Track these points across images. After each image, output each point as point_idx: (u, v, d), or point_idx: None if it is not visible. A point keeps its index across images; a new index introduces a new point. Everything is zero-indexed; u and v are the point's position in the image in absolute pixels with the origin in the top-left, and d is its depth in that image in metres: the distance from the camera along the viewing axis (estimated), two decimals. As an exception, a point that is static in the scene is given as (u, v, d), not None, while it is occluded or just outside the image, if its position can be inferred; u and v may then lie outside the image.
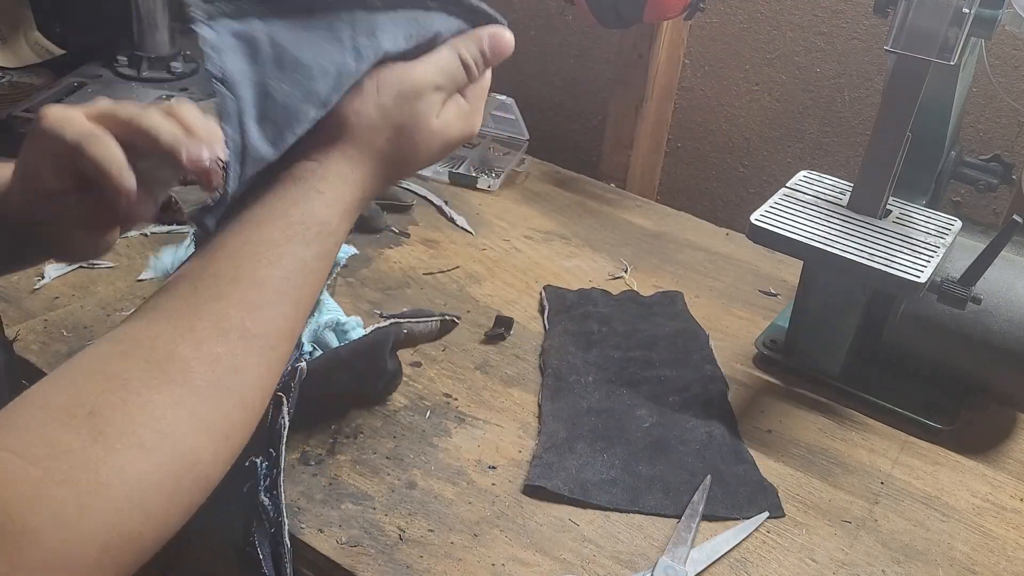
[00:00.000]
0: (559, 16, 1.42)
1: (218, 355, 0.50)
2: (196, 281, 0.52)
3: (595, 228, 1.17)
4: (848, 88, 1.24)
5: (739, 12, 1.28)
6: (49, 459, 0.43)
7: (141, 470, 0.45)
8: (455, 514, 0.74)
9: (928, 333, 0.87)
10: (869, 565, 0.74)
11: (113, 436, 0.45)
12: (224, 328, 0.50)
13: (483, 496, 0.76)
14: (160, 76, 1.32)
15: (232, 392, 0.50)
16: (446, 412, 0.85)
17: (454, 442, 0.82)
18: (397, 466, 0.78)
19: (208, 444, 0.48)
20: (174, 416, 0.47)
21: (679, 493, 0.77)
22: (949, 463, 0.85)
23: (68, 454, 0.43)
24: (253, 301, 0.52)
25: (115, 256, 1.00)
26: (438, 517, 0.74)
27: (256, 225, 0.54)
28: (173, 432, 0.47)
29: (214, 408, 0.49)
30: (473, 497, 0.76)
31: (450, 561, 0.70)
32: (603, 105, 1.40)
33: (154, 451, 0.46)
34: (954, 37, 0.75)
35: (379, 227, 1.10)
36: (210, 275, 0.52)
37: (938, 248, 0.82)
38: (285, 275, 0.54)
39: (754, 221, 0.84)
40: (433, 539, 0.72)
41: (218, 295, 0.51)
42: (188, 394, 0.48)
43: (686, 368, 0.91)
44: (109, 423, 0.45)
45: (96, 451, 0.44)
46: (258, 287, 0.52)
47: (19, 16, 1.43)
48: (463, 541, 0.72)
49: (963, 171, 0.97)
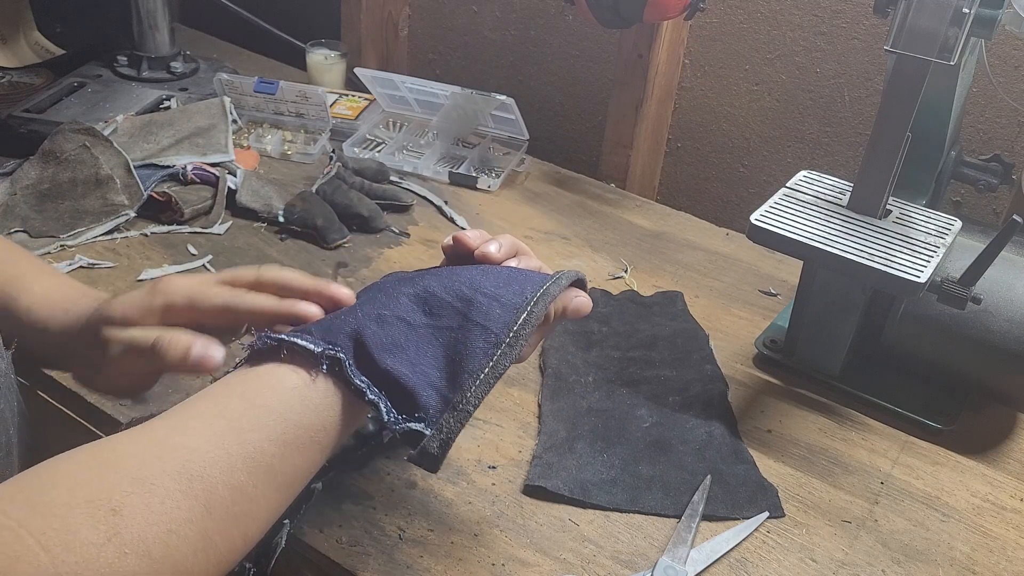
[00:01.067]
0: (559, 16, 1.42)
1: (242, 484, 0.51)
2: (245, 406, 0.54)
3: (595, 228, 1.17)
4: (848, 88, 1.24)
5: (739, 12, 1.28)
6: (62, 549, 0.44)
7: None
8: (455, 514, 0.74)
9: (928, 333, 0.87)
10: (869, 565, 0.74)
11: (128, 540, 0.46)
12: (256, 461, 0.52)
13: (483, 496, 0.76)
14: (160, 76, 1.33)
15: (241, 522, 0.52)
16: (446, 412, 0.85)
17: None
18: (397, 466, 0.78)
19: (205, 566, 0.50)
20: (186, 533, 0.48)
21: (679, 493, 0.77)
22: (949, 463, 0.85)
23: (81, 548, 0.44)
24: (290, 442, 0.54)
25: (115, 256, 1.00)
26: (438, 517, 0.74)
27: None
28: (180, 549, 0.48)
29: (222, 534, 0.50)
30: (473, 497, 0.76)
31: (450, 561, 0.70)
32: (603, 105, 1.40)
33: (158, 563, 0.47)
34: (954, 37, 0.75)
35: (379, 227, 1.10)
36: (260, 406, 0.54)
37: (938, 248, 0.82)
38: (324, 425, 0.56)
39: (754, 221, 0.84)
40: (433, 539, 0.72)
41: (259, 426, 0.53)
42: (204, 515, 0.49)
43: (686, 368, 0.91)
44: (128, 526, 0.46)
45: (108, 552, 0.45)
46: (297, 430, 0.55)
47: (19, 16, 1.43)
48: (463, 541, 0.72)
49: (963, 171, 0.97)
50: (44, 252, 0.99)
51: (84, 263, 0.98)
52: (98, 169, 1.05)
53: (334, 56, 1.39)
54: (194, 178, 1.10)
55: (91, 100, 1.25)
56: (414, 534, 0.72)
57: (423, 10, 1.56)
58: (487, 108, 1.26)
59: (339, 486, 0.75)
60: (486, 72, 1.54)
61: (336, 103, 1.33)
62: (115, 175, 1.05)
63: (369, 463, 0.77)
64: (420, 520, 0.73)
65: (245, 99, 1.27)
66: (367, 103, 1.34)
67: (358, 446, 0.76)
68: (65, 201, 1.03)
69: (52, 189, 1.04)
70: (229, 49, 1.54)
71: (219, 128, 1.19)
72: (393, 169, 1.20)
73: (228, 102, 1.22)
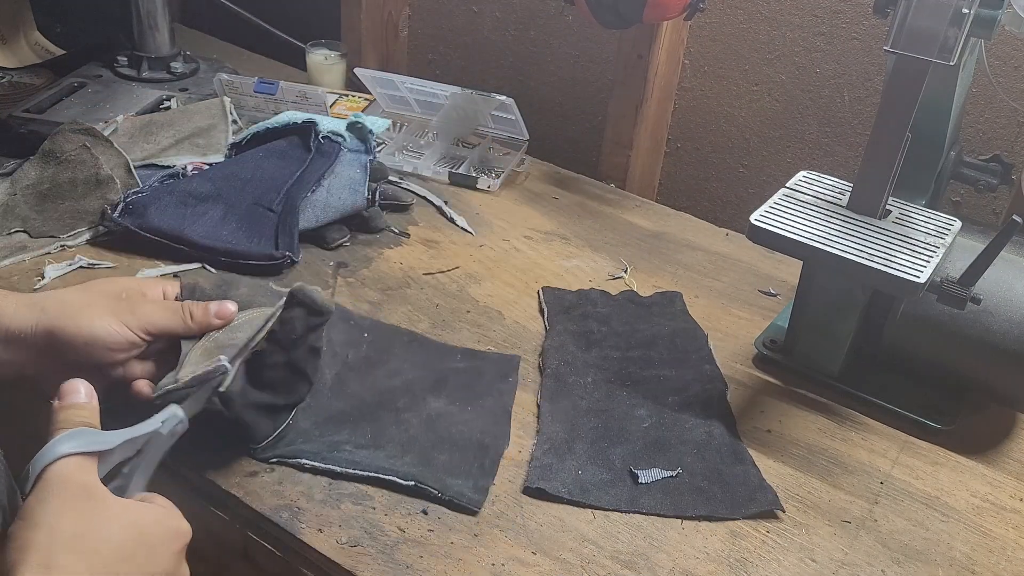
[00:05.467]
0: (559, 16, 1.42)
1: None
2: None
3: (595, 228, 1.17)
4: (848, 88, 1.24)
5: (739, 12, 1.28)
6: None
7: None
8: (455, 514, 0.74)
9: (928, 333, 0.87)
10: (869, 565, 0.74)
11: None
12: None
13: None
14: (160, 76, 1.33)
15: None
16: (446, 412, 0.85)
17: (454, 442, 0.81)
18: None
19: None
20: None
21: (679, 493, 0.77)
22: (949, 463, 0.85)
23: None
24: None
25: (115, 256, 1.00)
26: (438, 517, 0.74)
27: None
28: None
29: None
30: (473, 497, 0.76)
31: (450, 561, 0.70)
32: (603, 105, 1.40)
33: None
34: (954, 37, 0.75)
35: (379, 227, 1.10)
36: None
37: (938, 248, 0.82)
38: None
39: (754, 221, 0.84)
40: (433, 539, 0.72)
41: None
42: None
43: (685, 368, 0.91)
44: None
45: None
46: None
47: (19, 16, 1.43)
48: (463, 541, 0.72)
49: (963, 171, 0.97)
50: (44, 252, 0.99)
51: (84, 263, 0.98)
52: (98, 169, 1.05)
53: (334, 56, 1.39)
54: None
55: (91, 100, 1.25)
56: (414, 534, 0.72)
57: (423, 10, 1.56)
58: (487, 108, 1.26)
59: (339, 486, 0.75)
60: (486, 72, 1.54)
61: (336, 103, 1.33)
62: (115, 175, 1.05)
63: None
64: (420, 520, 0.74)
65: (245, 99, 1.27)
66: (367, 103, 1.34)
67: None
68: (65, 201, 1.03)
69: (52, 189, 1.04)
70: (229, 49, 1.54)
71: (219, 128, 1.19)
72: (393, 169, 1.20)
73: (228, 102, 1.22)
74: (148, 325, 0.73)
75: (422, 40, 1.58)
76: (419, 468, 0.77)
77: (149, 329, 0.74)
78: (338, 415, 0.81)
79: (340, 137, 1.08)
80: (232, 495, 0.74)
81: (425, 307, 0.98)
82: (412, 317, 0.96)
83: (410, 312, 0.97)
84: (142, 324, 0.73)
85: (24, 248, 0.99)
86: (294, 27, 1.52)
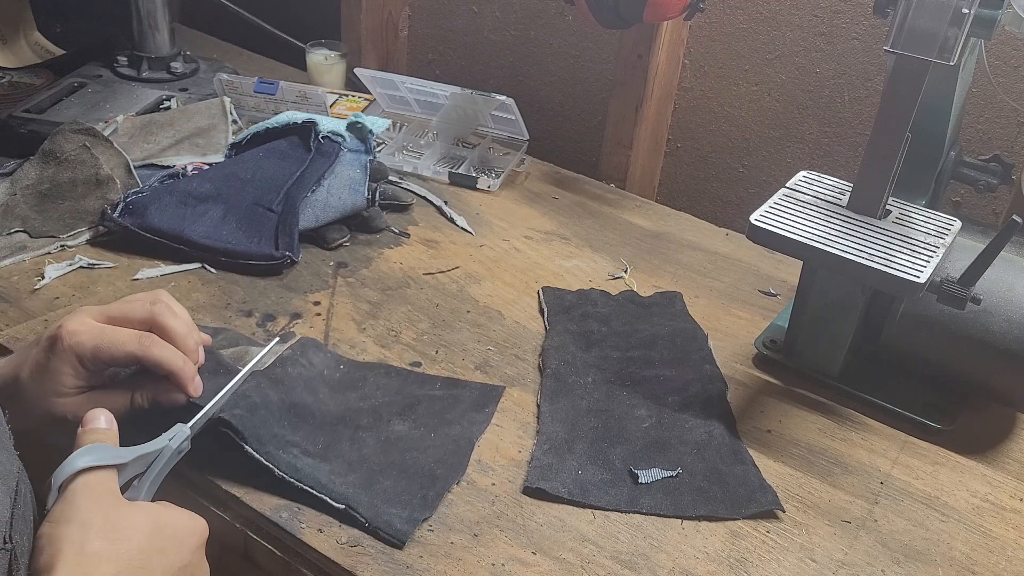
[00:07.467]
0: (559, 16, 1.42)
1: None
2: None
3: (595, 228, 1.17)
4: (848, 88, 1.24)
5: (739, 12, 1.28)
6: None
7: None
8: (455, 514, 0.74)
9: (928, 333, 0.87)
10: (869, 565, 0.74)
11: None
12: None
13: (483, 496, 0.76)
14: (160, 76, 1.33)
15: None
16: (446, 412, 0.85)
17: (454, 442, 0.81)
18: (397, 466, 0.78)
19: None
20: None
21: (679, 493, 0.77)
22: (949, 463, 0.85)
23: None
24: None
25: (115, 256, 1.00)
26: (438, 517, 0.74)
27: None
28: None
29: None
30: (473, 497, 0.76)
31: (450, 561, 0.70)
32: (603, 105, 1.40)
33: None
34: (954, 37, 0.75)
35: (379, 227, 1.10)
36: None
37: (938, 248, 0.82)
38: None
39: (754, 221, 0.84)
40: (433, 539, 0.72)
41: None
42: None
43: (685, 368, 0.91)
44: None
45: None
46: None
47: (19, 16, 1.43)
48: (463, 541, 0.72)
49: (963, 171, 0.97)
50: (44, 252, 0.99)
51: (84, 263, 0.98)
52: (98, 169, 1.05)
53: (334, 56, 1.39)
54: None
55: (91, 100, 1.25)
56: (414, 534, 0.72)
57: (423, 10, 1.56)
58: (487, 108, 1.26)
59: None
60: (486, 72, 1.54)
61: (336, 103, 1.33)
62: (115, 175, 1.05)
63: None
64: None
65: (245, 99, 1.27)
66: (367, 103, 1.34)
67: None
68: (65, 201, 1.03)
69: (52, 189, 1.04)
70: (229, 49, 1.55)
71: (219, 128, 1.19)
72: (393, 169, 1.20)
73: (228, 102, 1.22)
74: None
75: (422, 40, 1.58)
76: (356, 490, 0.74)
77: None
78: (300, 411, 0.79)
79: (340, 137, 1.08)
80: (232, 495, 0.74)
81: (425, 307, 0.98)
82: (412, 317, 0.96)
83: (410, 312, 0.97)
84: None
85: (24, 248, 0.99)
86: (294, 27, 1.52)
